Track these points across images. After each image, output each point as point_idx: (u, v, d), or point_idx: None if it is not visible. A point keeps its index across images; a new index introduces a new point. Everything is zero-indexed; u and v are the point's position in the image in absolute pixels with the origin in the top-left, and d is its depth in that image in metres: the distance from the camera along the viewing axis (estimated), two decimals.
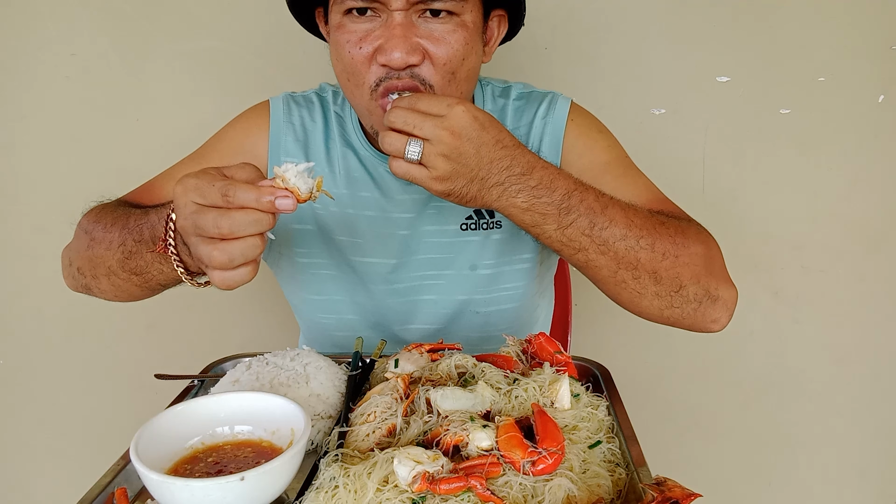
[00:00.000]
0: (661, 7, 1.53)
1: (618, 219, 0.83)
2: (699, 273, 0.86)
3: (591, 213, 0.82)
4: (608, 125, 1.12)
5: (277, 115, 1.11)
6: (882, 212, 1.62)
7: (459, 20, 0.91)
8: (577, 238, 0.82)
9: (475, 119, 0.77)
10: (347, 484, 0.64)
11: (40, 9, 1.58)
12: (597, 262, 0.84)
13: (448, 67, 0.92)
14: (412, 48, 0.89)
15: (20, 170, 1.68)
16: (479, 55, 0.98)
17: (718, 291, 0.88)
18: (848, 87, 1.54)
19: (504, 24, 1.02)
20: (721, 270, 0.90)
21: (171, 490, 0.62)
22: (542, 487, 0.63)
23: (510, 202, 0.81)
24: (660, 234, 0.84)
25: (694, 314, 0.88)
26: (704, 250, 0.88)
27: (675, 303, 0.86)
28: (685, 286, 0.86)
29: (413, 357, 0.88)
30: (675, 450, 1.79)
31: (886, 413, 1.75)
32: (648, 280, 0.85)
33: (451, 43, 0.91)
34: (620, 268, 0.84)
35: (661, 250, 0.84)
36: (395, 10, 0.88)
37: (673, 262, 0.84)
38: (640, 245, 0.83)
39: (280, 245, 1.12)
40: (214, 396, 0.76)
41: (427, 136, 0.76)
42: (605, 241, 0.82)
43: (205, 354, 1.06)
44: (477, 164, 0.78)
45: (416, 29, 0.89)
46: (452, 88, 0.94)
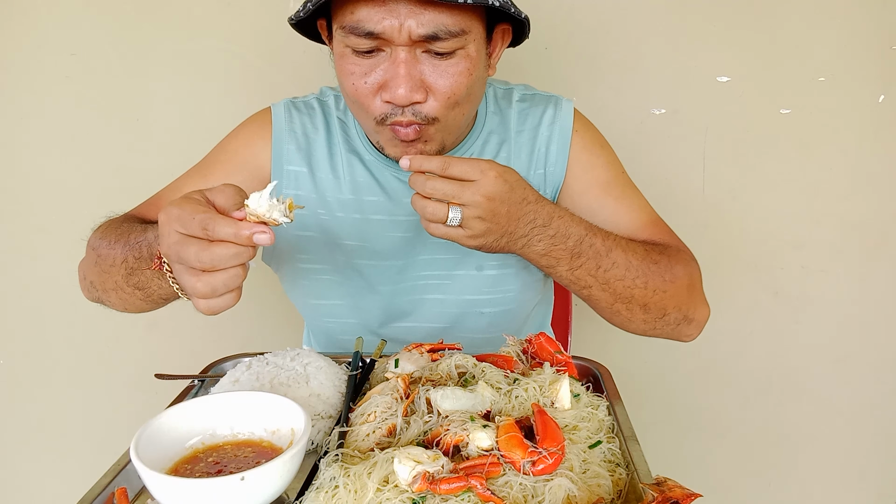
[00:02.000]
0: (661, 7, 1.53)
1: (619, 261, 0.93)
2: (681, 302, 0.99)
3: (598, 257, 0.92)
4: (608, 125, 1.13)
5: (279, 124, 1.10)
6: (882, 212, 1.62)
7: (464, 53, 0.90)
8: (584, 278, 0.93)
9: (506, 182, 0.84)
10: (347, 484, 0.64)
11: (40, 9, 1.58)
12: (598, 296, 0.95)
13: (452, 100, 0.92)
14: (415, 86, 0.88)
15: (20, 170, 1.68)
16: (484, 76, 0.98)
17: (694, 314, 1.01)
18: (848, 87, 1.54)
19: (508, 35, 1.01)
20: (699, 294, 1.03)
21: (171, 490, 0.62)
22: (542, 487, 0.63)
23: (531, 250, 0.90)
24: (653, 272, 0.95)
25: (671, 332, 1.02)
26: (688, 281, 1.00)
27: (658, 326, 1.00)
28: (668, 313, 0.99)
29: (413, 357, 0.88)
30: (675, 450, 1.79)
31: (886, 413, 1.75)
32: (639, 310, 0.97)
33: (455, 76, 0.90)
34: (617, 301, 0.96)
35: (653, 287, 0.96)
36: (399, 45, 0.87)
37: (661, 297, 0.96)
38: (636, 284, 0.94)
39: (283, 252, 1.12)
40: (214, 396, 0.76)
41: (465, 203, 0.83)
42: (607, 281, 0.94)
43: (205, 354, 1.06)
44: (507, 222, 0.86)
45: (420, 64, 0.89)
46: (455, 114, 0.95)
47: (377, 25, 0.85)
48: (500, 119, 1.10)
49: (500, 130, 1.10)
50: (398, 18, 0.84)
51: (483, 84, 0.99)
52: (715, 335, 1.73)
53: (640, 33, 1.55)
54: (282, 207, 0.66)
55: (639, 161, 1.62)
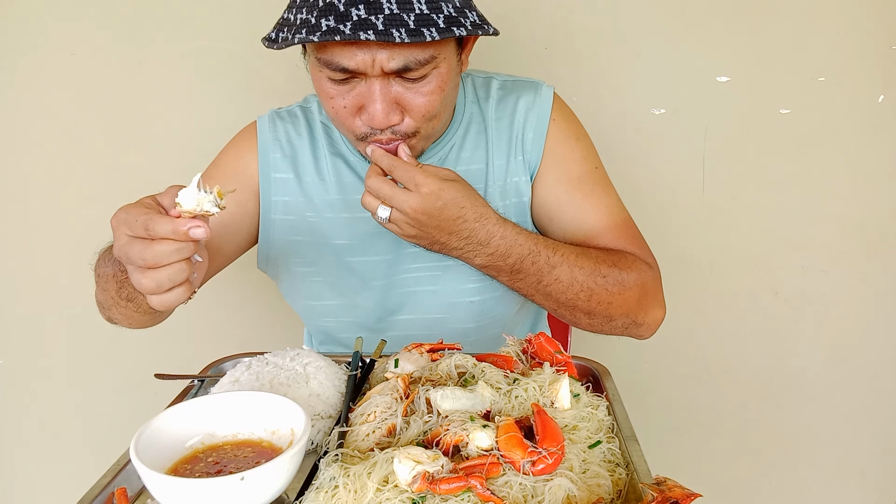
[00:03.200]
0: (661, 7, 1.53)
1: (563, 277, 0.95)
2: (629, 309, 1.00)
3: (540, 274, 0.95)
4: (608, 125, 1.13)
5: (264, 134, 1.14)
6: (882, 212, 1.62)
7: (436, 73, 0.92)
8: (524, 289, 0.98)
9: (438, 199, 0.88)
10: (347, 484, 0.64)
11: (40, 9, 1.57)
12: (540, 301, 0.99)
13: (427, 116, 0.96)
14: (391, 109, 0.92)
15: (20, 170, 1.68)
16: (457, 83, 1.01)
17: (645, 318, 1.03)
18: (848, 87, 1.54)
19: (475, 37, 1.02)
20: (651, 299, 1.03)
21: (171, 490, 0.62)
22: (542, 487, 0.63)
23: (469, 260, 0.95)
24: (598, 286, 0.97)
25: (621, 333, 1.05)
26: (638, 291, 1.00)
27: (605, 328, 1.03)
28: (615, 319, 1.01)
29: (413, 357, 0.88)
30: (675, 450, 1.79)
31: (886, 413, 1.75)
32: (583, 316, 1.00)
33: (428, 94, 0.93)
34: (560, 307, 0.99)
35: (597, 300, 0.98)
36: (373, 76, 0.90)
37: (606, 307, 0.98)
38: (580, 297, 0.97)
39: (277, 258, 1.15)
40: (214, 396, 0.76)
41: (395, 206, 0.89)
42: (548, 294, 0.97)
43: (205, 354, 1.06)
44: (437, 233, 0.90)
45: (396, 88, 0.92)
46: (434, 123, 0.98)
47: (350, 62, 0.88)
48: (478, 108, 1.12)
49: (479, 119, 1.11)
50: (370, 54, 0.87)
51: (457, 86, 1.03)
52: (715, 335, 1.73)
53: (640, 33, 1.55)
54: (211, 198, 0.68)
55: (639, 161, 1.63)
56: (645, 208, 1.62)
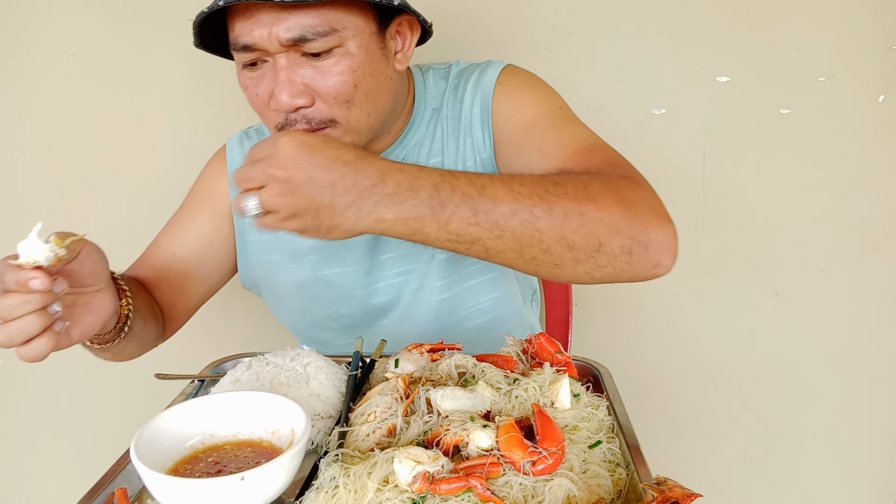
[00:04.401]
0: (661, 7, 1.53)
1: (501, 196, 0.74)
2: (617, 223, 0.76)
3: (470, 200, 0.74)
4: (608, 125, 1.12)
5: (233, 154, 1.15)
6: (882, 212, 1.62)
7: (342, 50, 0.90)
8: (464, 231, 0.74)
9: (302, 144, 0.72)
10: (347, 484, 0.64)
11: (40, 9, 1.57)
12: (496, 248, 0.76)
13: (339, 99, 0.91)
14: (297, 92, 0.89)
15: (20, 170, 1.68)
16: (380, 72, 0.95)
17: (648, 235, 0.77)
18: (848, 87, 1.54)
19: (416, 26, 0.99)
20: (648, 211, 0.80)
21: (171, 490, 0.62)
22: (542, 487, 0.63)
23: (374, 218, 0.73)
24: (554, 195, 0.76)
25: (628, 267, 0.78)
26: (616, 197, 0.78)
27: (601, 262, 0.77)
28: (605, 243, 0.76)
29: (413, 357, 0.88)
30: (675, 450, 1.79)
31: (886, 413, 1.75)
32: (560, 248, 0.76)
33: (336, 75, 0.90)
34: (524, 246, 0.76)
35: (561, 212, 0.75)
36: (276, 53, 0.89)
37: (580, 221, 0.75)
38: (536, 214, 0.74)
39: (258, 277, 1.16)
40: (214, 396, 0.76)
41: (260, 183, 0.73)
42: (495, 224, 0.74)
43: (205, 354, 1.06)
44: (316, 192, 0.72)
45: (301, 69, 0.90)
46: (356, 113, 0.94)
47: (248, 37, 0.88)
48: (438, 100, 1.09)
49: (437, 112, 1.09)
50: (265, 27, 0.87)
51: (383, 81, 0.96)
52: (715, 335, 1.73)
53: (640, 33, 1.55)
54: (46, 248, 0.68)
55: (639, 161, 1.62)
56: None
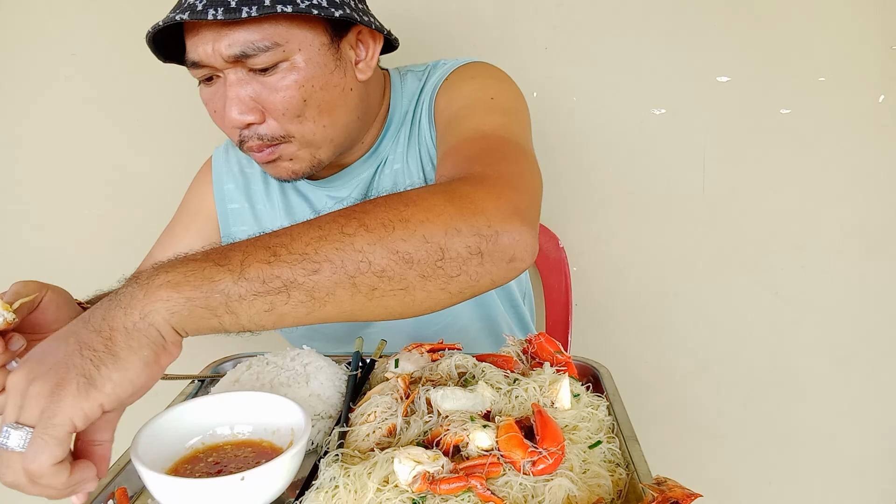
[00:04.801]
0: (661, 7, 1.53)
1: (297, 229, 0.61)
2: (453, 221, 0.63)
3: (258, 242, 0.59)
4: (608, 125, 1.10)
5: (219, 166, 1.17)
6: (882, 212, 1.62)
7: (288, 65, 0.89)
8: (268, 274, 0.57)
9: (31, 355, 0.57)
10: (347, 484, 0.64)
11: (40, 9, 1.57)
12: (321, 288, 0.59)
13: (289, 115, 0.91)
14: (245, 109, 0.90)
15: (20, 170, 1.68)
16: (334, 84, 0.93)
17: (493, 227, 0.65)
18: (848, 87, 1.54)
19: (378, 37, 0.98)
20: (487, 202, 0.67)
21: (171, 490, 0.62)
22: (542, 487, 0.63)
23: (152, 300, 0.56)
24: (364, 211, 0.63)
25: (483, 269, 0.65)
26: (444, 196, 0.65)
27: (452, 271, 0.64)
28: (447, 246, 0.63)
29: (413, 357, 0.88)
30: (675, 450, 1.79)
31: (886, 413, 1.75)
32: (398, 266, 0.61)
33: (284, 90, 0.89)
34: (354, 275, 0.60)
35: (380, 224, 0.61)
36: (223, 69, 0.89)
37: (406, 228, 0.62)
38: (347, 232, 0.60)
39: None
40: (214, 396, 0.76)
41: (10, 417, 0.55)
42: (304, 255, 0.58)
43: (205, 354, 1.06)
44: (57, 360, 0.55)
45: (249, 86, 0.89)
46: (310, 126, 0.92)
47: (195, 54, 0.89)
48: (412, 103, 1.07)
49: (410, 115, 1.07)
50: (208, 43, 0.87)
51: (339, 93, 0.94)
52: (715, 335, 1.73)
53: (640, 33, 1.54)
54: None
55: (639, 161, 1.62)
56: (645, 208, 1.63)
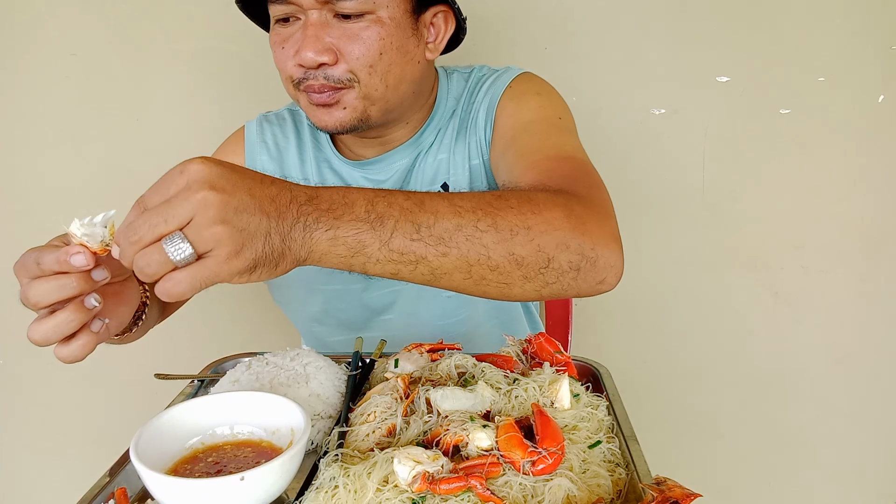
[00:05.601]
0: (661, 7, 1.53)
1: (442, 210, 0.69)
2: (566, 237, 0.72)
3: (409, 214, 0.67)
4: (608, 125, 1.11)
5: (251, 137, 1.16)
6: (882, 212, 1.62)
7: (374, 17, 0.92)
8: (407, 248, 0.66)
9: (220, 164, 0.59)
10: (347, 484, 0.64)
11: (40, 9, 1.57)
12: (443, 267, 0.69)
13: (363, 62, 0.93)
14: (322, 48, 0.91)
15: (20, 170, 1.68)
16: (407, 51, 0.97)
17: (596, 251, 0.74)
18: (848, 87, 1.54)
19: (451, 20, 1.01)
20: (596, 227, 0.76)
21: (171, 490, 0.62)
22: (542, 487, 0.63)
23: (315, 239, 0.63)
24: (498, 209, 0.71)
25: (574, 283, 0.75)
26: (563, 211, 0.74)
27: (550, 279, 0.73)
28: (554, 258, 0.72)
29: (413, 357, 0.88)
30: (675, 450, 1.79)
31: (886, 413, 1.75)
32: (509, 265, 0.71)
33: (364, 39, 0.92)
34: (472, 265, 0.70)
35: (508, 227, 0.70)
36: (309, 9, 0.91)
37: (527, 236, 0.71)
38: (481, 229, 0.69)
39: None
40: (214, 396, 0.76)
41: (184, 219, 0.56)
42: (440, 240, 0.68)
43: (205, 354, 1.06)
44: (260, 207, 0.59)
45: (330, 29, 0.92)
46: (376, 81, 0.95)
47: None
48: (457, 102, 1.10)
49: (456, 113, 1.10)
50: None
51: (408, 60, 0.98)
52: (715, 335, 1.73)
53: (640, 33, 1.54)
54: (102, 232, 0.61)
55: (639, 161, 1.62)
56: (645, 208, 1.63)
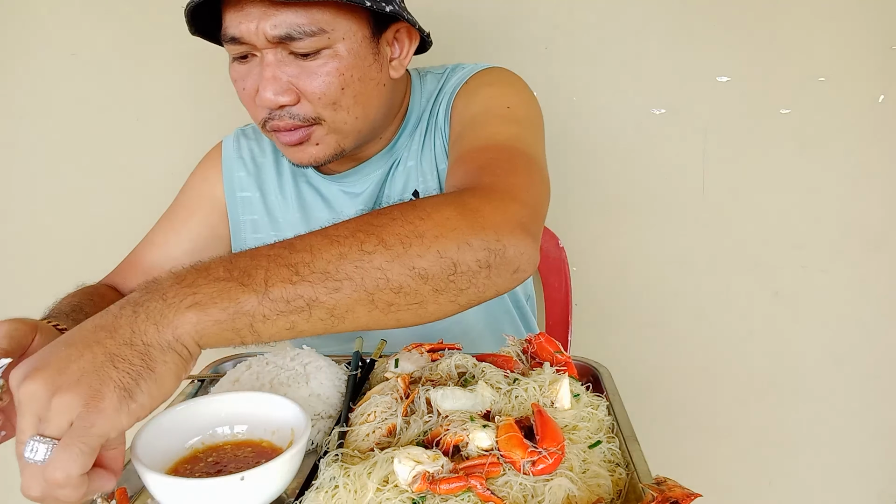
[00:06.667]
0: (661, 7, 1.53)
1: (317, 243, 0.61)
2: (464, 235, 0.65)
3: (279, 258, 0.59)
4: (608, 125, 1.11)
5: (229, 153, 1.16)
6: (882, 212, 1.62)
7: (330, 52, 0.90)
8: (291, 294, 0.58)
9: (29, 360, 0.55)
10: (347, 484, 0.64)
11: (40, 9, 1.57)
12: (341, 305, 0.60)
13: (325, 100, 0.92)
14: (281, 89, 0.90)
15: (20, 170, 1.68)
16: (370, 77, 0.95)
17: (501, 241, 0.67)
18: (848, 87, 1.54)
19: (414, 34, 1.00)
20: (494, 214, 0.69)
21: (171, 490, 0.62)
22: (542, 487, 0.63)
23: (177, 315, 0.56)
24: (381, 224, 0.63)
25: (489, 282, 0.68)
26: (456, 209, 0.67)
27: (462, 284, 0.65)
28: (459, 261, 0.64)
29: (413, 357, 0.88)
30: (675, 450, 1.78)
31: (886, 413, 1.75)
32: (414, 282, 0.62)
33: (323, 76, 0.91)
34: (373, 293, 0.61)
35: (397, 240, 0.62)
36: (263, 49, 0.89)
37: (422, 244, 0.63)
38: (367, 250, 0.61)
39: None
40: (214, 396, 0.76)
41: (29, 425, 0.55)
42: (325, 274, 0.59)
43: (205, 354, 1.06)
44: (84, 346, 0.55)
45: (287, 67, 0.90)
46: (343, 115, 0.94)
47: (236, 30, 0.89)
48: (429, 104, 1.08)
49: (427, 116, 1.08)
50: (253, 21, 0.87)
51: (373, 86, 0.96)
52: (715, 335, 1.73)
53: (640, 33, 1.54)
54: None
55: (639, 161, 1.62)
56: (645, 208, 1.63)
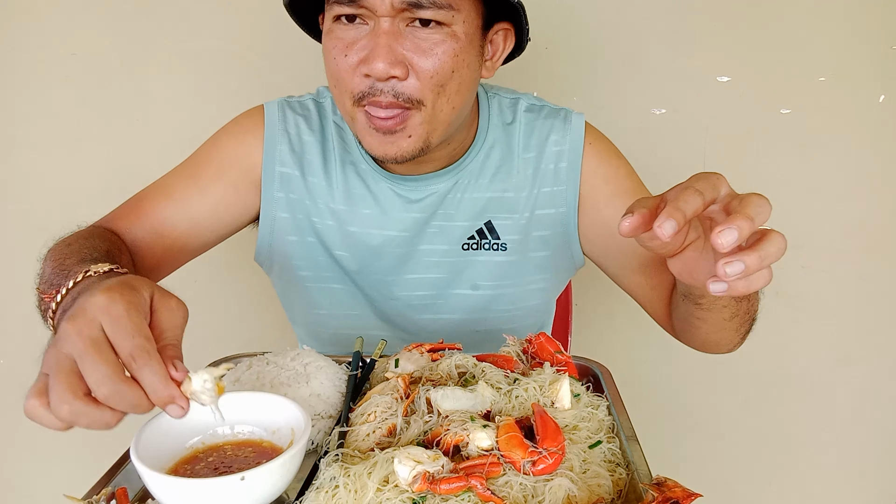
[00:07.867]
0: (661, 7, 1.53)
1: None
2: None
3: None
4: (608, 125, 1.12)
5: (272, 122, 1.06)
6: (882, 212, 1.62)
7: (449, 31, 0.87)
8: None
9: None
10: (347, 484, 0.64)
11: (40, 9, 1.57)
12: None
13: (435, 80, 0.88)
14: (395, 60, 0.85)
15: (20, 170, 1.68)
16: (474, 69, 0.93)
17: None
18: (848, 87, 1.54)
19: (511, 39, 0.99)
20: None
21: (172, 490, 0.62)
22: (542, 487, 0.63)
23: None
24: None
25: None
26: None
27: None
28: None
29: (413, 357, 0.88)
30: (675, 450, 1.79)
31: (886, 413, 1.75)
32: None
33: (439, 55, 0.87)
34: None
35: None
36: (382, 16, 0.85)
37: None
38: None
39: (273, 255, 1.09)
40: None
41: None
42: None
43: (205, 354, 1.06)
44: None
45: (403, 40, 0.86)
46: (443, 103, 0.90)
47: None
48: (503, 132, 1.06)
49: (502, 145, 1.06)
50: None
51: (474, 79, 0.95)
52: None
53: (640, 33, 1.55)
54: (213, 392, 0.62)
55: (639, 161, 1.61)
56: None
